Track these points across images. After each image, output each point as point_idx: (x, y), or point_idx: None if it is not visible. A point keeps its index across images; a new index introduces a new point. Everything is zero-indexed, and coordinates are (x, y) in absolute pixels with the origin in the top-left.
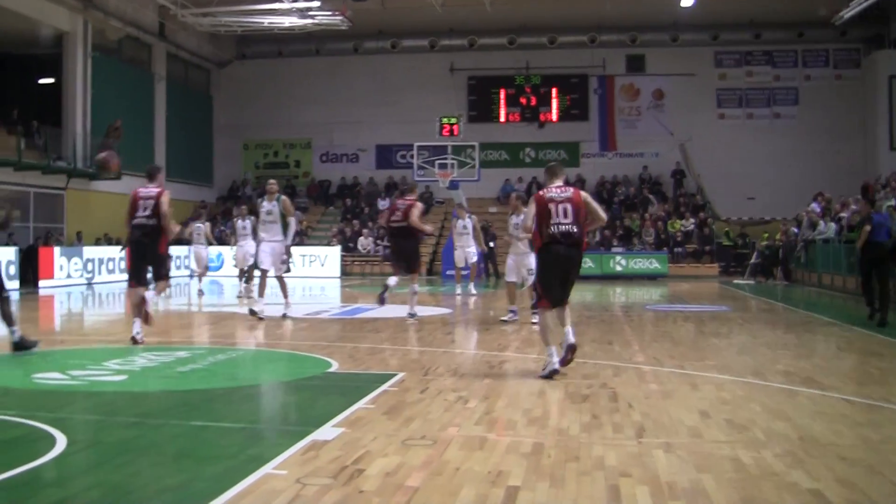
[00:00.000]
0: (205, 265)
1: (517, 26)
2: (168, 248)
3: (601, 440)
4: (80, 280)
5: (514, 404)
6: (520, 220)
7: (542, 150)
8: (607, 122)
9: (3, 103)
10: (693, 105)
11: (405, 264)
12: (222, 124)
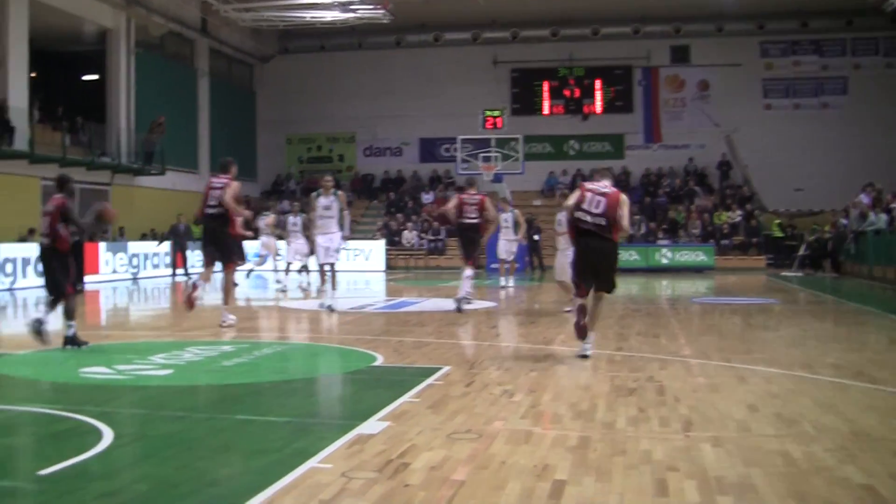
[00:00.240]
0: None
1: (560, 18)
2: (239, 233)
3: (648, 434)
4: (125, 275)
5: (560, 398)
6: (563, 217)
7: (586, 142)
8: (652, 114)
9: (48, 100)
10: (739, 96)
11: (472, 255)
12: (265, 119)
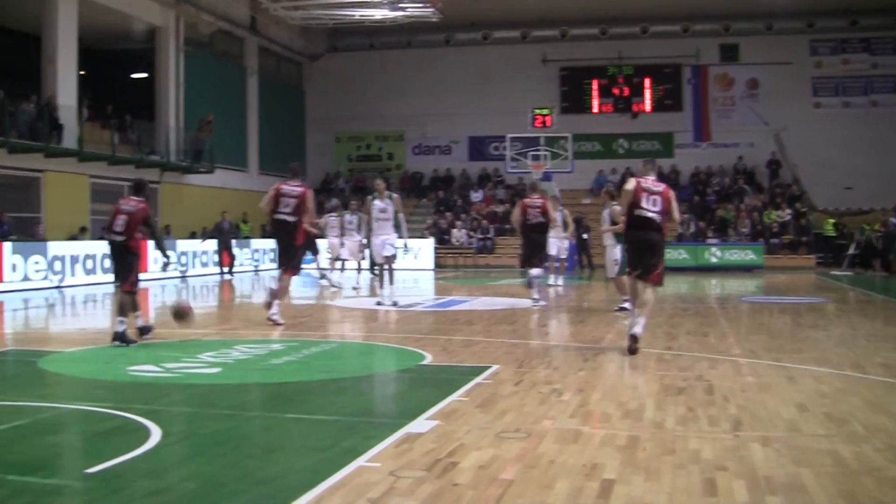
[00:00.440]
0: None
1: (609, 16)
2: (303, 242)
3: (697, 433)
4: (174, 273)
5: (608, 397)
6: (608, 214)
7: (636, 140)
8: (701, 113)
9: (97, 98)
10: (788, 94)
11: (541, 259)
12: (314, 117)
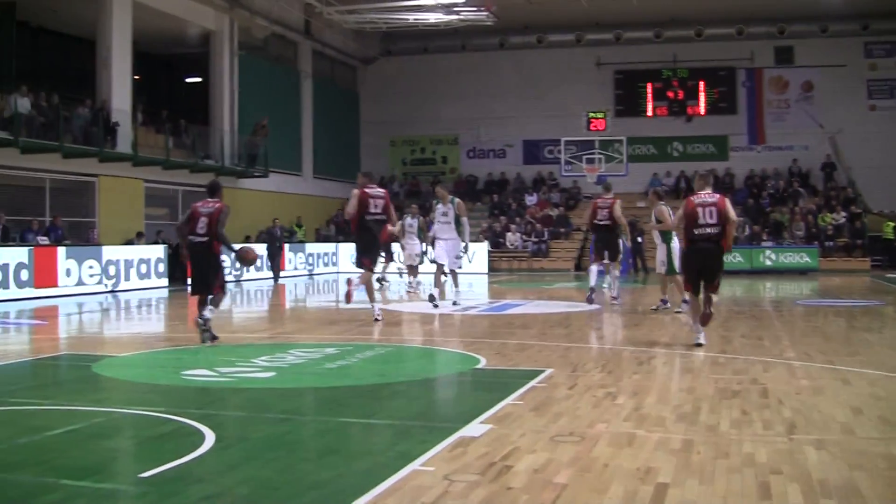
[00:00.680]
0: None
1: (663, 19)
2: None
3: (751, 436)
4: (228, 277)
5: (663, 400)
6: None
7: (690, 143)
8: (756, 116)
9: (152, 102)
10: (843, 97)
11: (612, 255)
12: (369, 121)
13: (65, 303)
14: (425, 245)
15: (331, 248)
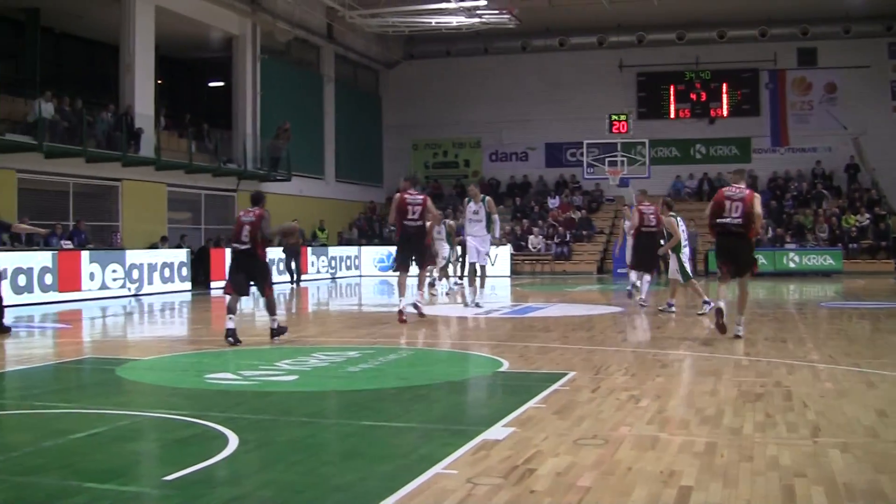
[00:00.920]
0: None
1: (686, 21)
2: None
3: (775, 439)
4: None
5: (686, 403)
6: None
7: (713, 146)
8: (779, 117)
9: (174, 107)
10: (866, 98)
11: (657, 263)
12: (391, 124)
13: (88, 306)
14: (454, 248)
15: (353, 251)
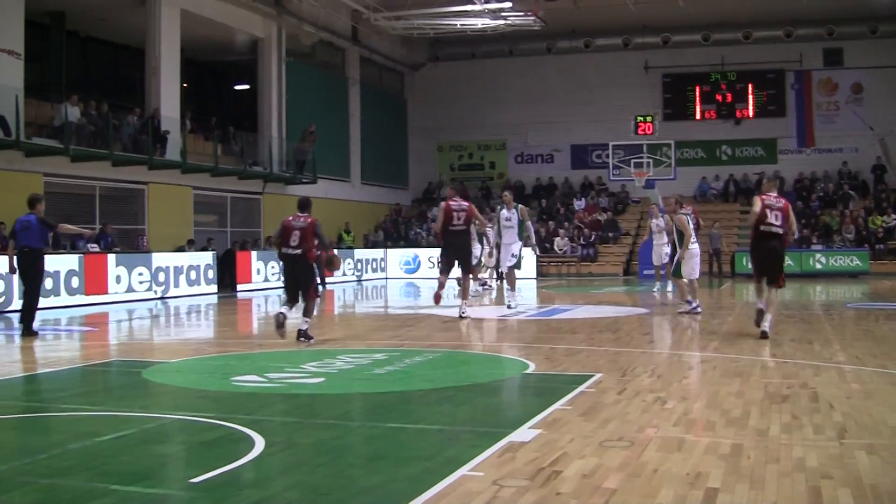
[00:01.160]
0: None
1: (711, 22)
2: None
3: (801, 441)
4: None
5: (712, 405)
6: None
7: (739, 147)
8: (805, 118)
9: (200, 110)
10: (893, 98)
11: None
12: (416, 127)
13: (115, 309)
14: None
15: (379, 254)
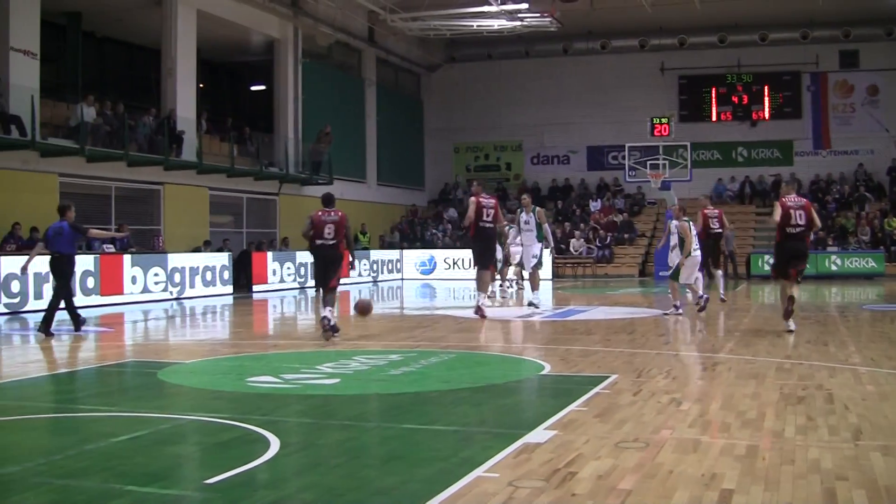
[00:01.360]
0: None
1: (727, 24)
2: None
3: (817, 442)
4: (293, 284)
5: (727, 406)
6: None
7: (755, 148)
8: (821, 120)
9: (216, 111)
10: None
11: (716, 262)
12: (433, 128)
13: (130, 310)
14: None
15: (395, 254)
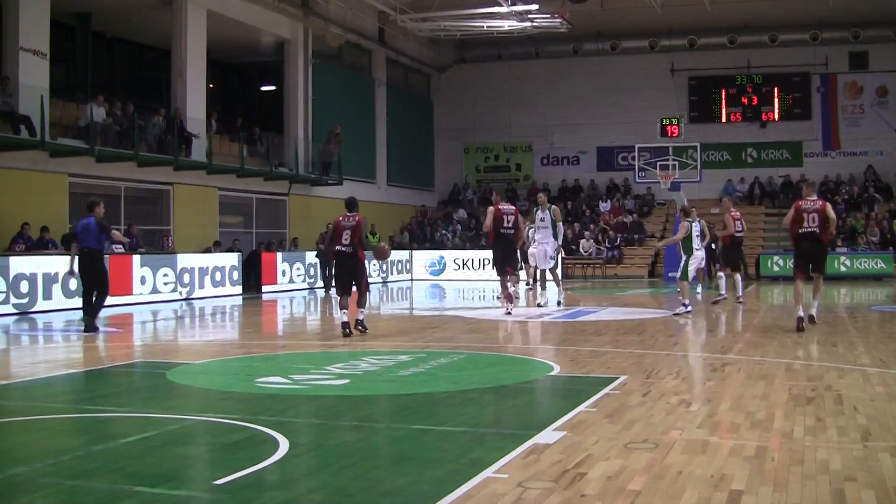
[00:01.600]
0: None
1: (737, 25)
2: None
3: (826, 443)
4: (303, 285)
5: (737, 407)
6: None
7: (765, 149)
8: (830, 121)
9: (226, 111)
10: None
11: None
12: (442, 128)
13: (139, 310)
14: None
15: (404, 255)
